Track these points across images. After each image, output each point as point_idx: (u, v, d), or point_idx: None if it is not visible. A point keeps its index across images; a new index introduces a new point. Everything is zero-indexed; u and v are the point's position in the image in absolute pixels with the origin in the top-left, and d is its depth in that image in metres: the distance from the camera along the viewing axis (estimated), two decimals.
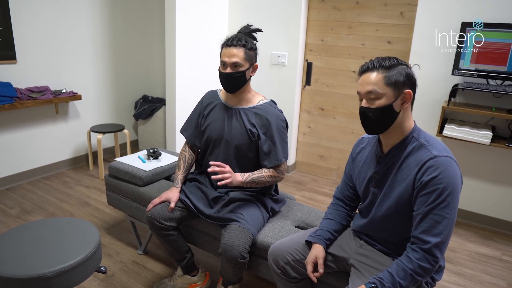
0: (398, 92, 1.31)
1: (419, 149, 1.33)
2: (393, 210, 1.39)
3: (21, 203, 3.06)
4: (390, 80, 1.30)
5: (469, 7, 2.70)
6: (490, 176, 2.93)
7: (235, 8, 3.82)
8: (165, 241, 1.94)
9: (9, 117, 3.25)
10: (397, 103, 1.32)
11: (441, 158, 1.27)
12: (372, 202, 1.49)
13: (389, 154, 1.41)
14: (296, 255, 1.59)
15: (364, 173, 1.52)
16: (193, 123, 2.07)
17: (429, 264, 1.25)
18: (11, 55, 3.14)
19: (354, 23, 3.37)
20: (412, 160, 1.33)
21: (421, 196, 1.28)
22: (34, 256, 1.52)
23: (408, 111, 1.36)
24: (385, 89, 1.31)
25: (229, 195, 1.94)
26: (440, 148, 1.31)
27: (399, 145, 1.38)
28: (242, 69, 1.83)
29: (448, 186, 1.24)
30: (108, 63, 3.97)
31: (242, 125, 1.90)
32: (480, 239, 2.84)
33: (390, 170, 1.40)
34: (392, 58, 1.35)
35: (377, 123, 1.35)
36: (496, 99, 2.76)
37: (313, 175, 3.92)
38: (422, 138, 1.35)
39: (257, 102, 1.93)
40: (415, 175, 1.30)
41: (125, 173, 2.34)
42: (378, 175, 1.45)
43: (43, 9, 3.29)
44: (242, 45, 1.80)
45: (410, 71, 1.33)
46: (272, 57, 3.70)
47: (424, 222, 1.26)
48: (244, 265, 1.77)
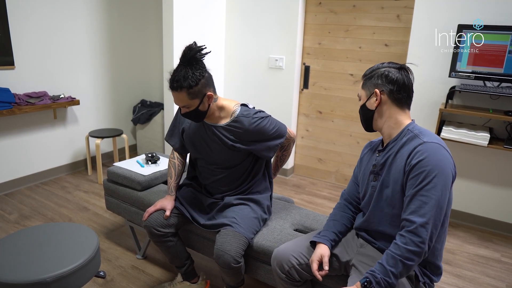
0: (369, 92, 1.48)
1: (412, 139, 1.40)
2: (390, 198, 1.43)
3: (20, 209, 3.05)
4: (365, 84, 1.49)
5: (465, 9, 2.72)
6: (488, 178, 2.94)
7: (232, 12, 3.84)
8: (164, 248, 1.94)
9: (7, 123, 3.25)
10: (369, 103, 1.48)
11: (430, 144, 1.33)
12: (371, 195, 1.52)
13: (387, 147, 1.49)
14: (301, 258, 1.58)
15: (366, 169, 1.58)
16: (177, 132, 2.02)
17: (415, 246, 1.27)
18: (9, 61, 3.14)
19: (351, 26, 3.38)
20: (405, 149, 1.40)
21: (409, 180, 1.34)
22: (33, 261, 1.52)
23: (390, 107, 1.46)
24: (361, 91, 1.52)
25: (224, 200, 1.94)
26: (431, 136, 1.37)
27: (395, 138, 1.46)
28: (193, 108, 1.72)
29: (434, 169, 1.29)
30: (106, 68, 3.98)
31: (224, 143, 1.84)
32: (479, 240, 2.84)
33: (387, 162, 1.46)
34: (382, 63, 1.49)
35: (362, 120, 1.56)
36: (493, 101, 2.77)
37: (312, 178, 3.93)
38: (416, 130, 1.42)
39: (231, 117, 1.83)
40: (405, 160, 1.37)
41: (124, 177, 2.34)
42: (377, 168, 1.51)
43: (41, 15, 3.30)
44: (181, 87, 1.65)
45: (386, 71, 1.45)
46: (269, 60, 3.72)
47: (411, 204, 1.31)
48: (239, 269, 1.76)
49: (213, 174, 1.95)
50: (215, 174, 1.95)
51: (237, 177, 1.95)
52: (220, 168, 1.93)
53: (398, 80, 1.43)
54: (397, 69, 1.45)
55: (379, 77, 1.45)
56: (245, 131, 1.81)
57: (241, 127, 1.81)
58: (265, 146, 1.87)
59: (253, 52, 3.80)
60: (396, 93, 1.43)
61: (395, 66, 1.46)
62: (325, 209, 3.23)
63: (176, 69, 1.70)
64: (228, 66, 4.00)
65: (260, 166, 1.99)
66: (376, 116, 1.49)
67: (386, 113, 1.46)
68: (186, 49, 1.70)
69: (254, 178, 1.98)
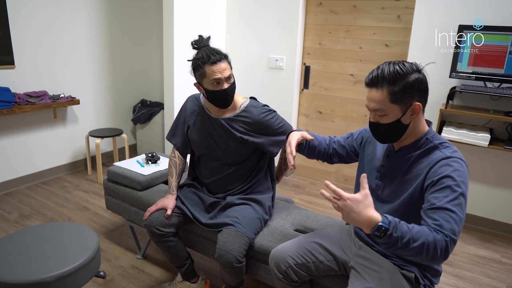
0: (406, 107, 1.28)
1: (432, 151, 1.31)
2: (395, 208, 1.38)
3: (20, 208, 3.05)
4: (396, 97, 1.27)
5: (466, 10, 2.72)
6: (488, 179, 2.93)
7: (232, 12, 3.84)
8: (164, 248, 1.94)
9: (7, 122, 3.24)
10: (405, 117, 1.30)
11: (455, 159, 1.25)
12: (373, 193, 1.44)
13: (400, 151, 1.40)
14: (298, 259, 1.58)
15: (371, 163, 1.52)
16: (179, 130, 2.03)
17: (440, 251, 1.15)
18: (9, 60, 3.14)
19: (351, 27, 3.38)
20: (424, 161, 1.31)
21: (433, 193, 1.23)
22: (33, 261, 1.52)
23: (419, 117, 1.34)
24: (391, 107, 1.28)
25: (226, 199, 1.94)
26: (453, 150, 1.30)
27: (411, 145, 1.37)
28: (233, 80, 1.80)
29: (461, 186, 1.21)
30: (106, 68, 3.98)
31: (232, 135, 1.87)
32: (479, 241, 2.84)
33: (398, 168, 1.39)
34: (399, 66, 1.28)
35: (388, 135, 1.37)
36: (494, 102, 2.77)
37: (312, 178, 3.92)
38: (437, 141, 1.33)
39: (240, 108, 1.88)
40: (425, 174, 1.28)
41: (124, 177, 2.34)
42: (384, 169, 1.45)
43: (41, 14, 3.30)
44: (224, 57, 1.75)
45: (419, 79, 1.27)
46: (269, 60, 3.71)
47: (439, 216, 1.18)
48: (241, 269, 1.76)
49: (217, 171, 1.96)
50: (219, 172, 1.95)
51: (241, 176, 1.95)
52: (225, 164, 1.93)
53: (427, 85, 1.31)
54: (419, 71, 1.30)
55: (414, 88, 1.27)
56: (254, 121, 1.85)
57: (250, 116, 1.85)
58: (272, 141, 1.90)
59: (254, 52, 3.80)
60: (426, 101, 1.33)
61: (416, 68, 1.30)
62: (326, 209, 3.23)
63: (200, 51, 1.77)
64: None
65: (263, 165, 1.99)
66: (409, 128, 1.34)
67: (416, 123, 1.34)
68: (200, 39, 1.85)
69: (256, 177, 1.98)
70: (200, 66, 1.73)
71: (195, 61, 1.76)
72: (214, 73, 1.71)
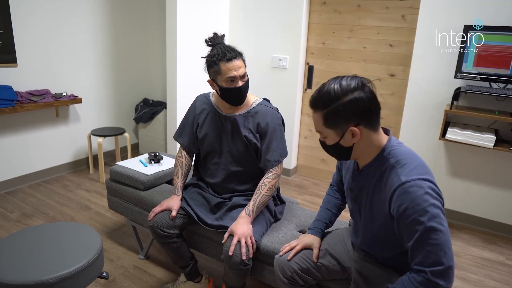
0: (342, 131, 1.20)
1: (390, 171, 1.22)
2: (376, 232, 1.33)
3: (21, 207, 3.04)
4: (328, 121, 1.20)
5: (471, 10, 2.70)
6: (493, 180, 2.91)
7: (236, 12, 3.82)
8: (168, 249, 1.92)
9: (10, 121, 3.23)
10: (345, 141, 1.23)
11: (409, 184, 1.14)
12: (354, 216, 1.45)
13: (362, 173, 1.33)
14: (303, 263, 1.57)
15: (346, 182, 1.48)
16: (187, 129, 2.02)
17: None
18: (11, 58, 3.13)
19: (355, 26, 3.36)
20: (385, 183, 1.23)
21: (402, 228, 1.18)
22: (36, 262, 1.50)
23: (368, 137, 1.23)
24: (326, 131, 1.23)
25: (232, 200, 1.93)
26: (409, 169, 1.18)
27: (371, 164, 1.29)
28: (247, 78, 1.81)
29: (423, 213, 1.11)
30: (109, 66, 3.96)
31: (238, 132, 1.87)
32: (484, 243, 2.82)
33: (364, 190, 1.33)
34: (335, 87, 1.18)
35: (336, 155, 1.32)
36: (499, 102, 2.75)
37: (315, 178, 3.91)
38: (393, 158, 1.22)
39: (251, 105, 1.89)
40: (389, 202, 1.20)
41: (127, 177, 2.32)
42: (353, 192, 1.40)
43: (44, 12, 3.28)
44: (239, 55, 1.76)
45: (355, 99, 1.16)
46: (273, 60, 3.70)
47: (416, 254, 1.15)
48: (248, 271, 1.75)
49: (223, 171, 1.94)
50: (225, 172, 1.94)
51: (246, 176, 1.94)
52: (230, 164, 1.92)
53: (370, 104, 1.18)
54: (360, 89, 1.17)
55: (349, 111, 1.17)
56: (264, 123, 1.85)
57: (260, 118, 1.85)
58: (266, 151, 1.86)
59: (257, 52, 3.78)
60: (372, 119, 1.21)
61: (356, 85, 1.17)
62: None
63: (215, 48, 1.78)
64: None
65: None
66: (355, 150, 1.26)
67: (364, 143, 1.24)
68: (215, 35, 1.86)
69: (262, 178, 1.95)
70: (215, 62, 1.73)
71: (209, 58, 1.76)
72: (229, 70, 1.71)
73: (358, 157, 1.30)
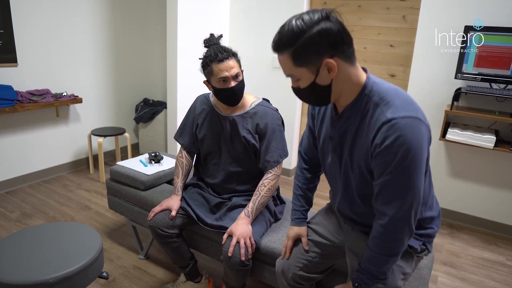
0: (316, 66, 1.07)
1: (375, 109, 1.11)
2: (358, 180, 1.23)
3: (22, 207, 3.04)
4: (298, 59, 1.07)
5: (472, 10, 2.70)
6: (493, 180, 2.91)
7: (236, 11, 3.82)
8: (168, 249, 1.92)
9: (10, 120, 3.23)
10: (321, 78, 1.09)
11: (397, 121, 1.05)
12: (332, 172, 1.35)
13: (342, 116, 1.21)
14: (300, 263, 1.55)
15: (323, 133, 1.34)
16: (188, 130, 2.03)
17: (395, 240, 1.13)
18: (12, 58, 3.13)
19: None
20: (369, 122, 1.13)
21: (377, 166, 1.11)
22: (36, 262, 1.50)
23: (346, 72, 1.11)
24: (298, 70, 1.10)
25: (232, 200, 1.93)
26: (396, 106, 1.08)
27: (352, 105, 1.17)
28: (242, 77, 1.80)
29: (405, 153, 1.04)
30: (109, 66, 3.96)
31: (237, 133, 1.87)
32: (483, 244, 2.82)
33: (347, 135, 1.21)
34: (296, 22, 1.07)
35: (314, 100, 1.19)
36: (499, 103, 2.75)
37: None
38: (376, 96, 1.12)
39: (250, 106, 1.90)
40: (371, 140, 1.11)
41: (127, 177, 2.32)
42: (334, 140, 1.27)
43: (44, 12, 3.28)
44: (232, 55, 1.75)
45: (323, 30, 1.04)
46: (273, 60, 3.69)
47: (382, 192, 1.12)
48: (247, 271, 1.74)
49: (223, 172, 1.94)
50: (225, 172, 1.94)
51: (247, 177, 1.94)
52: (230, 165, 1.92)
53: (340, 33, 1.06)
54: (325, 19, 1.05)
55: (319, 42, 1.04)
56: (263, 123, 1.84)
57: (259, 119, 1.85)
58: (265, 152, 1.86)
59: (257, 52, 3.78)
60: (346, 50, 1.08)
61: (320, 16, 1.05)
62: None
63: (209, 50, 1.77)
64: None
65: None
66: (334, 89, 1.13)
67: (343, 78, 1.11)
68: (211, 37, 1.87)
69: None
70: (208, 64, 1.74)
71: (204, 59, 1.77)
72: (221, 71, 1.72)
73: (337, 98, 1.17)
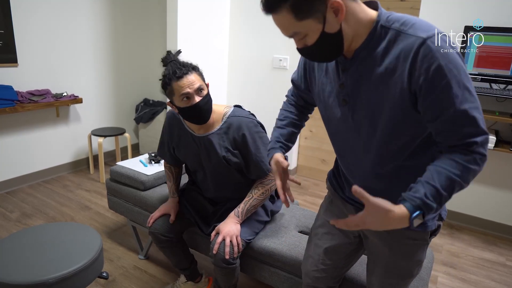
0: (321, 13, 0.93)
1: (398, 38, 0.97)
2: (383, 134, 1.05)
3: (22, 207, 3.04)
4: (300, 10, 0.93)
5: (472, 11, 2.70)
6: (493, 181, 2.91)
7: (236, 12, 3.82)
8: (169, 253, 1.92)
9: (10, 120, 3.23)
10: (330, 25, 0.95)
11: (433, 40, 0.92)
12: (344, 132, 1.15)
13: (356, 57, 1.04)
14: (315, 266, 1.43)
15: (329, 89, 1.15)
16: (166, 149, 1.91)
17: (477, 165, 0.94)
18: (12, 58, 3.13)
19: None
20: (395, 53, 0.97)
21: (431, 102, 0.94)
22: (35, 262, 1.51)
23: (353, 8, 0.97)
24: (302, 24, 0.96)
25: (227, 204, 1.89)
26: (424, 26, 0.95)
27: (367, 42, 1.01)
28: (207, 91, 1.64)
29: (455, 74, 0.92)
30: (109, 67, 3.96)
31: (216, 154, 1.73)
32: (484, 244, 2.82)
33: (364, 78, 1.04)
34: None
35: (328, 53, 1.03)
36: (499, 104, 2.75)
37: (315, 179, 3.90)
38: (396, 23, 0.98)
39: (222, 120, 1.74)
40: (408, 74, 0.95)
41: (127, 177, 2.32)
42: (346, 88, 1.08)
43: (44, 12, 3.28)
44: (192, 69, 1.61)
45: None
46: (273, 60, 3.69)
47: (454, 126, 0.94)
48: (233, 270, 1.70)
49: (213, 184, 1.86)
50: (216, 185, 1.86)
51: (239, 187, 1.85)
52: (219, 181, 1.83)
53: None
54: None
55: None
56: (238, 135, 1.69)
57: (233, 131, 1.70)
58: (250, 164, 1.74)
59: (257, 52, 3.78)
60: None
61: None
62: None
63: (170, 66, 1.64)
64: (232, 66, 3.98)
65: None
66: (346, 34, 0.98)
67: (352, 18, 0.97)
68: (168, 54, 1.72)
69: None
70: (167, 83, 1.60)
71: (163, 79, 1.64)
72: (181, 88, 1.57)
73: (350, 44, 1.02)
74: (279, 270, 1.78)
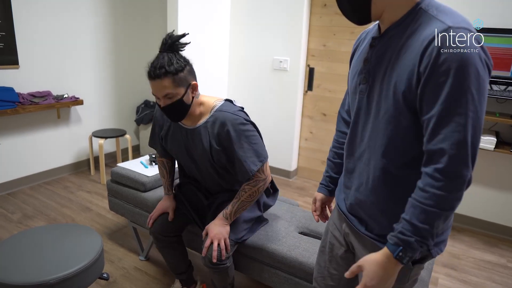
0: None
1: (429, 22, 0.92)
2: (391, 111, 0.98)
3: (23, 208, 3.05)
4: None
5: (472, 11, 2.70)
6: (494, 182, 2.91)
7: (237, 13, 3.83)
8: (169, 254, 1.92)
9: (11, 122, 3.24)
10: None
11: (457, 31, 0.87)
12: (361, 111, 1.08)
13: (386, 34, 1.00)
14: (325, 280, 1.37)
15: (355, 68, 1.12)
16: (156, 139, 1.88)
17: (454, 188, 0.89)
18: (13, 60, 3.14)
19: (356, 28, 3.37)
20: (420, 35, 0.92)
21: (430, 90, 0.89)
22: (37, 263, 1.51)
23: None
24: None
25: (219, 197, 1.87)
26: (457, 17, 0.91)
27: (401, 21, 0.97)
28: (178, 98, 1.55)
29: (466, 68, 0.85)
30: (110, 68, 3.97)
31: (202, 147, 1.68)
32: (485, 246, 2.82)
33: (387, 55, 1.00)
34: None
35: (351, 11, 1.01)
36: (500, 105, 2.75)
37: (316, 180, 3.90)
38: (434, 9, 0.93)
39: (210, 113, 1.67)
40: (420, 56, 0.89)
41: (128, 178, 2.33)
42: (369, 64, 1.04)
43: (45, 14, 3.30)
44: (166, 73, 1.49)
45: None
46: (273, 62, 3.70)
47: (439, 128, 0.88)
48: (225, 270, 1.69)
49: (203, 179, 1.85)
50: (209, 179, 1.83)
51: (233, 182, 1.83)
52: (209, 174, 1.80)
53: None
54: None
55: None
56: (223, 132, 1.62)
57: (218, 127, 1.63)
58: (235, 164, 1.66)
59: (258, 53, 3.79)
60: None
61: None
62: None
63: (157, 56, 1.54)
64: (232, 67, 3.99)
65: None
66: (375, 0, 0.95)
67: None
68: (167, 37, 1.55)
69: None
70: (147, 76, 1.56)
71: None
72: (152, 88, 1.55)
73: (380, 13, 0.98)
74: (279, 271, 1.78)
